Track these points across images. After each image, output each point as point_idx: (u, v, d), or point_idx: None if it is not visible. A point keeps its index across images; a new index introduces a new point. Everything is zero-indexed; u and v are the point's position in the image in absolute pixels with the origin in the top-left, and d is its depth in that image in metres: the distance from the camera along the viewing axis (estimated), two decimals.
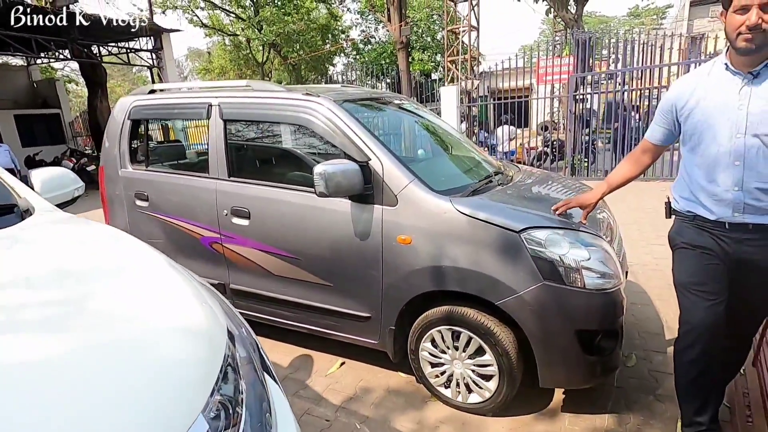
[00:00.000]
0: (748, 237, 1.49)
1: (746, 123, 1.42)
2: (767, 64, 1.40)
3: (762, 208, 1.45)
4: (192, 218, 2.63)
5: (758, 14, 1.32)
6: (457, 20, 9.28)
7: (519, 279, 1.78)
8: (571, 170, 8.27)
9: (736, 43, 1.40)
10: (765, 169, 1.43)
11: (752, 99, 1.42)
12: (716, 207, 1.52)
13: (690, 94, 1.55)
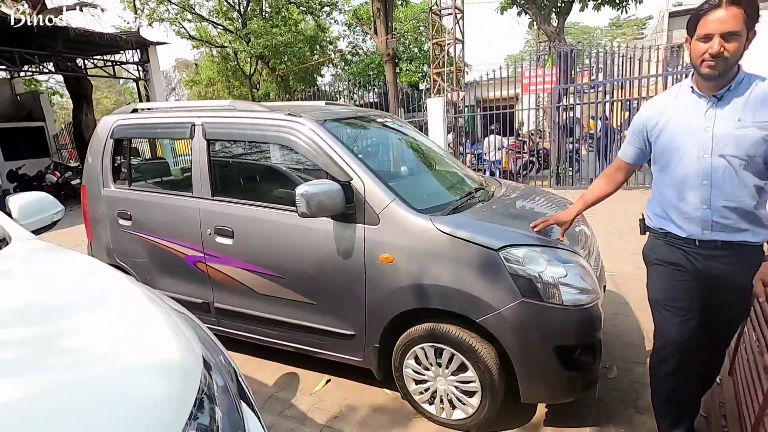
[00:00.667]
0: (718, 254, 1.55)
1: (712, 144, 1.48)
2: (729, 88, 1.47)
3: (729, 225, 1.51)
4: (176, 237, 2.62)
5: (720, 43, 1.38)
6: (443, 33, 9.42)
7: (498, 296, 1.81)
8: (556, 179, 8.40)
9: (700, 69, 1.46)
10: (731, 188, 1.48)
11: (717, 121, 1.48)
12: (686, 224, 1.58)
13: (659, 116, 1.62)
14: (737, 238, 1.51)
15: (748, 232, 1.51)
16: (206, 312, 2.65)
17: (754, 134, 1.43)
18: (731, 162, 1.46)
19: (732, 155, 1.46)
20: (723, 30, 1.37)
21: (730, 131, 1.45)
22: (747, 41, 1.40)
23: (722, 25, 1.36)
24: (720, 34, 1.37)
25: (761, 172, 1.47)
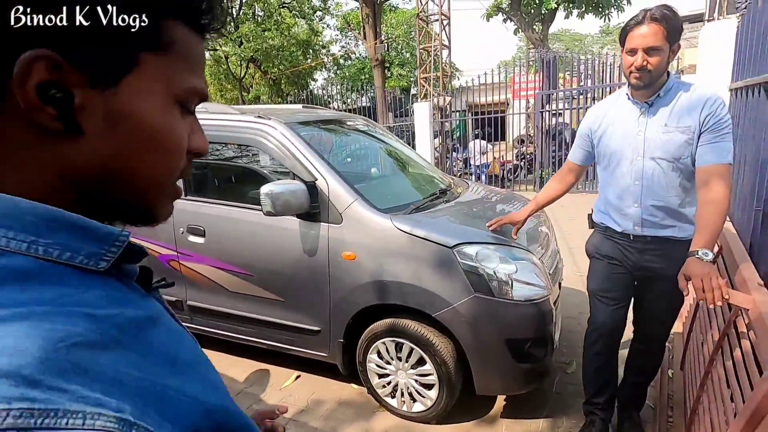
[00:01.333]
0: (648, 248, 1.69)
1: (644, 147, 1.61)
2: (659, 95, 1.59)
3: (657, 223, 1.65)
4: (150, 236, 2.67)
5: (643, 57, 1.49)
6: (430, 39, 9.56)
7: (453, 292, 1.89)
8: (540, 183, 8.54)
9: (629, 79, 1.57)
10: (659, 188, 1.61)
11: (648, 126, 1.61)
12: (622, 220, 1.72)
13: (601, 120, 1.75)
14: (664, 234, 1.64)
15: (675, 228, 1.63)
16: (179, 310, 2.70)
17: (679, 138, 1.54)
18: (660, 164, 1.59)
19: (660, 158, 1.58)
20: (645, 45, 1.48)
21: (658, 135, 1.57)
22: (671, 54, 1.51)
23: (644, 40, 1.48)
24: (643, 48, 1.48)
25: (688, 174, 1.58)
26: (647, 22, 1.47)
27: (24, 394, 0.24)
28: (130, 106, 0.34)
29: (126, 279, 0.38)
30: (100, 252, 0.34)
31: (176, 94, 0.37)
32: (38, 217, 0.32)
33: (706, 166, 1.50)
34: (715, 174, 1.48)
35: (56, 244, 0.32)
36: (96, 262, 0.34)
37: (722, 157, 1.49)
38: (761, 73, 1.91)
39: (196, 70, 0.39)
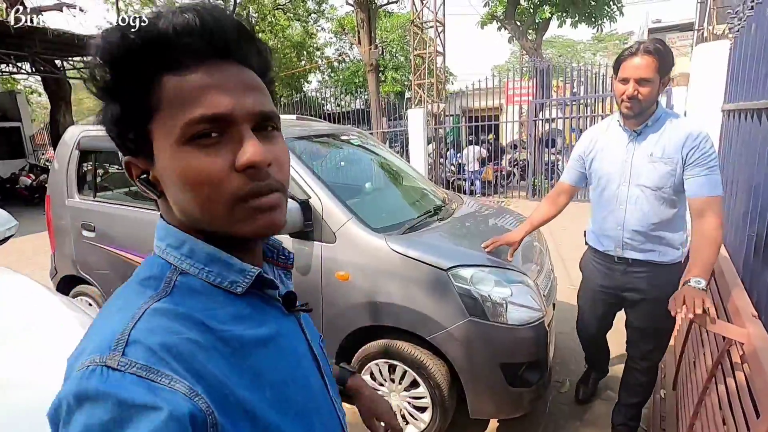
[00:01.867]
0: (631, 270, 1.79)
1: (630, 174, 1.69)
2: (647, 124, 1.65)
3: (637, 246, 1.74)
4: (139, 250, 2.62)
5: (635, 87, 1.54)
6: (425, 45, 9.58)
7: (447, 315, 1.87)
8: (532, 191, 8.58)
9: (620, 107, 1.63)
10: (642, 214, 1.69)
11: (635, 153, 1.68)
12: (606, 242, 1.83)
13: (593, 145, 1.84)
14: (644, 257, 1.74)
15: (655, 252, 1.72)
16: None
17: (662, 169, 1.61)
18: (644, 191, 1.66)
19: (645, 185, 1.65)
20: (637, 76, 1.53)
21: (644, 164, 1.64)
22: (661, 86, 1.57)
23: (636, 71, 1.53)
24: (635, 79, 1.54)
25: (670, 202, 1.65)
26: (640, 54, 1.52)
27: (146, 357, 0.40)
28: (161, 165, 0.47)
29: (268, 299, 0.54)
30: (238, 281, 0.50)
31: (176, 138, 0.44)
32: (206, 253, 0.49)
33: (699, 198, 1.55)
34: (708, 206, 1.53)
35: (213, 272, 0.49)
36: (235, 287, 0.50)
37: (714, 190, 1.54)
38: (754, 99, 1.92)
39: (189, 102, 0.44)
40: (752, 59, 2.00)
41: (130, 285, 0.49)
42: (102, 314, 0.47)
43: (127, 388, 0.37)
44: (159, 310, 0.44)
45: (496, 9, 10.82)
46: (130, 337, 0.41)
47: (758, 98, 1.84)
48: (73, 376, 0.39)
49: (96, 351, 0.40)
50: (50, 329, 1.13)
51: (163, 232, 0.51)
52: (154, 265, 0.50)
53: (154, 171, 0.47)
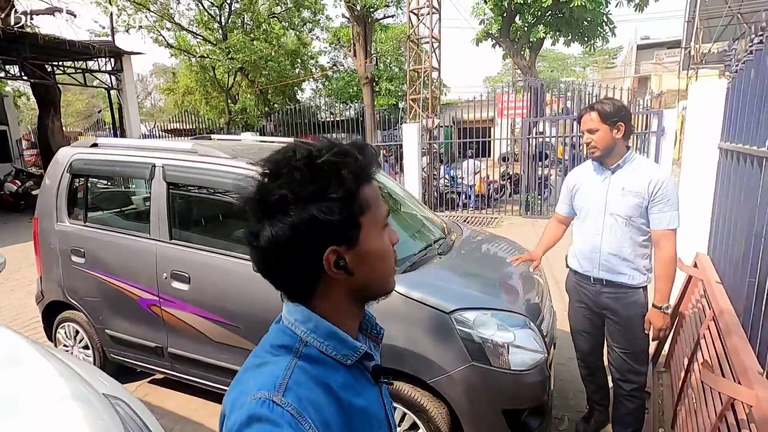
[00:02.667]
0: (605, 290, 2.04)
1: (606, 205, 1.98)
2: (619, 165, 1.96)
3: (611, 268, 2.00)
4: (130, 279, 2.55)
5: (588, 136, 1.95)
6: (420, 61, 9.63)
7: (449, 359, 1.84)
8: (526, 207, 8.63)
9: (587, 154, 2.02)
10: (615, 240, 1.97)
11: (610, 187, 1.98)
12: (585, 263, 2.09)
13: (577, 180, 2.14)
14: (617, 279, 1.99)
15: (625, 275, 1.98)
16: (160, 356, 2.58)
17: (632, 201, 1.91)
18: (617, 220, 1.95)
19: (618, 215, 1.95)
20: (587, 128, 1.95)
21: (617, 197, 1.95)
22: (615, 131, 1.91)
23: (585, 125, 1.96)
24: (586, 130, 1.96)
25: (638, 230, 1.94)
26: (586, 112, 1.96)
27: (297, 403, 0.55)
28: (367, 248, 0.63)
29: (364, 371, 0.67)
30: (349, 354, 0.64)
31: (381, 225, 0.66)
32: (327, 330, 0.63)
33: (658, 230, 1.91)
34: (664, 237, 1.90)
35: (329, 345, 0.63)
36: (345, 359, 0.64)
37: (670, 224, 1.88)
38: (753, 143, 1.93)
39: (380, 202, 0.65)
40: (752, 104, 2.03)
41: (265, 348, 0.64)
42: (251, 365, 0.62)
43: (284, 422, 0.52)
44: (302, 367, 0.59)
45: (491, 26, 10.96)
46: (288, 384, 0.56)
47: (758, 144, 1.85)
48: (247, 403, 0.55)
49: (263, 388, 0.56)
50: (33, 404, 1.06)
51: (294, 308, 0.65)
52: (285, 336, 0.64)
53: (355, 252, 0.62)
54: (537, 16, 10.21)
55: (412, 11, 9.88)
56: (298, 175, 0.59)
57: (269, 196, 0.59)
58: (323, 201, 0.58)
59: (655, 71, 23.20)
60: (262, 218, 0.60)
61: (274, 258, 0.61)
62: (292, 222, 0.58)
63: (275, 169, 0.61)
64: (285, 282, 0.64)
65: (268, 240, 0.59)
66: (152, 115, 30.38)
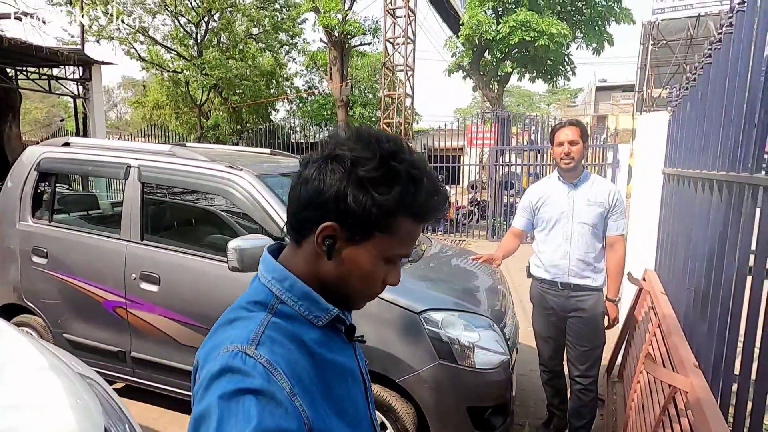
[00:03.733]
0: (573, 294, 2.22)
1: (572, 215, 2.21)
2: (580, 179, 2.21)
3: (579, 273, 2.20)
4: (95, 280, 2.49)
5: (568, 147, 2.15)
6: (395, 87, 9.98)
7: (418, 357, 1.91)
8: (492, 231, 8.93)
9: (560, 164, 2.21)
10: (582, 245, 2.19)
11: (575, 199, 2.22)
12: (553, 270, 2.26)
13: (540, 195, 2.32)
14: (584, 282, 2.20)
15: (590, 278, 2.20)
16: (121, 361, 2.50)
17: (597, 210, 2.18)
18: (583, 227, 2.18)
19: (584, 223, 2.18)
20: (569, 139, 2.15)
21: (583, 207, 2.19)
22: (585, 148, 2.18)
23: (566, 135, 2.15)
24: (568, 141, 2.15)
25: (599, 237, 2.20)
26: (568, 126, 2.19)
27: (269, 356, 0.56)
28: (357, 256, 0.63)
29: (337, 331, 0.69)
30: (321, 315, 0.65)
31: (386, 257, 0.64)
32: (302, 291, 0.64)
33: (614, 235, 2.23)
34: (617, 241, 2.23)
35: (303, 305, 0.64)
36: (317, 321, 0.65)
37: (623, 230, 2.22)
38: (688, 167, 2.18)
39: (406, 243, 0.65)
40: (688, 133, 2.29)
41: (242, 303, 0.65)
42: (225, 320, 0.64)
43: (256, 372, 0.54)
44: (276, 323, 0.61)
45: (462, 59, 11.57)
46: (261, 338, 0.58)
47: (694, 167, 2.09)
48: (220, 356, 0.56)
49: (237, 341, 0.57)
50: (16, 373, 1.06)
51: (271, 266, 0.67)
52: (260, 293, 0.65)
53: (347, 250, 0.63)
54: (505, 53, 10.91)
55: (388, 40, 10.31)
56: (375, 155, 0.60)
57: (342, 148, 0.61)
58: (366, 189, 0.59)
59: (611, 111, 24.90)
60: (322, 161, 0.62)
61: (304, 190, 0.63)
62: (331, 181, 0.60)
63: (362, 138, 0.62)
64: (292, 216, 0.66)
65: (309, 175, 0.62)
66: (117, 128, 29.48)
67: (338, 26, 11.61)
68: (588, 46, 11.61)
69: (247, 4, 17.05)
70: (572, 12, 11.22)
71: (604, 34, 11.43)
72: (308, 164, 0.64)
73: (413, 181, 0.61)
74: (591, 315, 2.20)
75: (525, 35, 9.97)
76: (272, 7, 17.37)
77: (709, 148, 1.80)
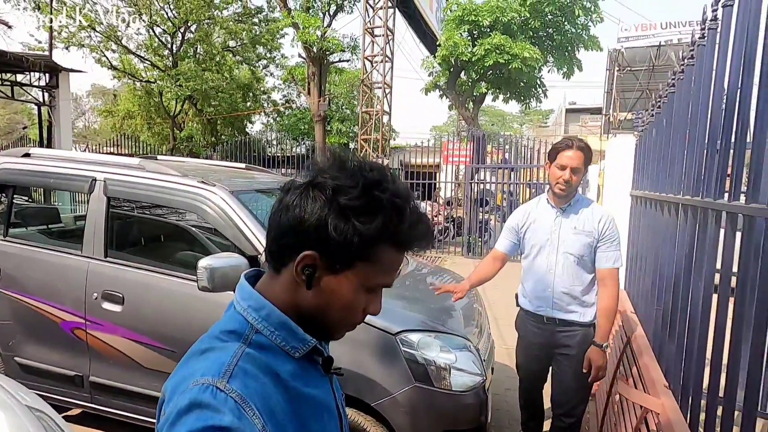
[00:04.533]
0: (558, 329, 2.04)
1: (558, 243, 2.01)
2: (570, 204, 2.03)
3: (564, 307, 2.01)
4: (53, 300, 2.35)
5: (570, 174, 1.92)
6: (372, 104, 10.08)
7: (393, 380, 1.87)
8: (468, 248, 9.02)
9: (554, 188, 1.99)
10: (568, 277, 2.00)
11: (562, 226, 2.02)
12: (537, 302, 2.08)
13: (526, 219, 2.14)
14: (569, 317, 2.01)
15: (577, 313, 2.02)
16: (78, 386, 2.35)
17: (584, 240, 1.97)
18: (569, 258, 1.98)
19: (570, 253, 1.98)
20: (572, 165, 1.92)
21: (569, 235, 1.99)
22: (582, 176, 1.98)
23: (572, 161, 1.92)
24: (570, 167, 1.92)
25: (588, 268, 2.00)
26: (575, 149, 1.92)
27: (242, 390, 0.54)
28: (337, 285, 0.62)
29: (314, 363, 0.66)
30: (298, 346, 0.63)
31: (367, 287, 0.63)
32: (279, 320, 0.62)
33: (604, 268, 1.98)
34: (609, 275, 1.98)
35: (280, 336, 0.62)
36: (294, 352, 0.63)
37: (615, 263, 1.98)
38: (655, 190, 2.27)
39: (388, 272, 0.64)
40: (654, 157, 2.39)
41: (215, 333, 0.62)
42: (196, 350, 0.61)
43: (226, 408, 0.51)
44: (250, 355, 0.58)
45: (439, 79, 11.84)
46: (234, 371, 0.55)
47: (659, 190, 2.18)
48: (188, 389, 0.53)
49: (208, 374, 0.54)
50: None
51: (247, 293, 0.64)
52: (236, 321, 0.63)
53: (327, 279, 0.61)
54: (480, 74, 11.24)
55: (367, 58, 10.45)
56: (358, 183, 0.59)
57: (324, 176, 0.60)
58: (348, 218, 0.58)
59: (580, 132, 25.94)
60: (304, 189, 0.60)
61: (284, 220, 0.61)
62: (312, 209, 0.58)
63: (345, 166, 0.61)
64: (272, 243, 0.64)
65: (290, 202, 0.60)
66: (85, 137, 28.47)
67: (317, 42, 11.70)
68: (559, 70, 12.11)
69: (226, 16, 16.97)
70: (544, 38, 11.72)
71: (573, 59, 11.95)
72: (289, 191, 0.62)
73: (396, 211, 0.60)
74: (579, 352, 1.98)
75: (499, 58, 10.31)
76: (251, 21, 17.34)
77: (674, 172, 1.87)
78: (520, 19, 10.64)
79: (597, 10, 11.12)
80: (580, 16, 10.92)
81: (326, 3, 13.31)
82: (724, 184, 1.37)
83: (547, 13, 11.06)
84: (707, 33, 1.55)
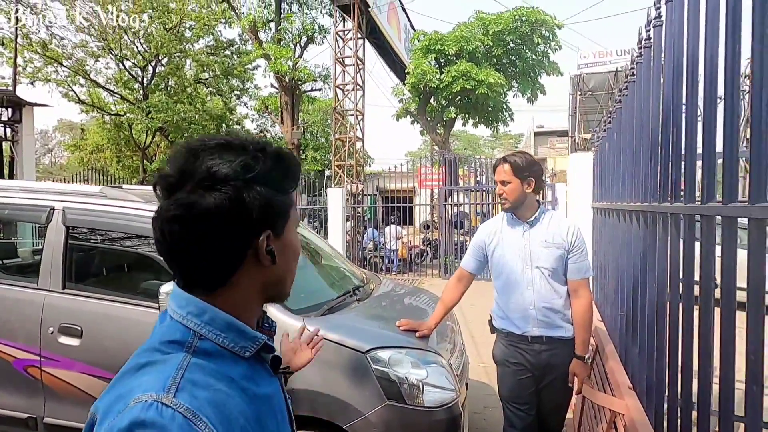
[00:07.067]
0: (544, 348, 1.94)
1: (530, 258, 1.95)
2: (536, 217, 1.97)
3: (549, 323, 1.93)
4: (4, 337, 2.22)
5: (500, 187, 1.96)
6: (346, 131, 10.23)
7: (366, 400, 1.83)
8: (444, 269, 9.06)
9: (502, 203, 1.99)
10: (547, 292, 1.93)
11: (531, 240, 1.96)
12: (521, 322, 1.96)
13: (493, 236, 2.07)
14: (555, 334, 1.93)
15: (562, 328, 1.94)
16: (32, 429, 2.19)
17: (555, 252, 1.93)
18: (543, 272, 1.93)
19: (543, 267, 1.93)
20: (499, 179, 1.96)
21: (540, 249, 1.94)
22: (527, 186, 1.93)
23: (498, 175, 1.97)
24: (499, 181, 1.96)
25: (563, 281, 1.94)
26: (501, 164, 1.98)
27: (191, 403, 0.52)
28: (289, 240, 0.67)
29: (263, 362, 0.66)
30: (248, 346, 0.62)
31: (297, 224, 0.69)
32: (225, 322, 0.61)
33: (575, 279, 1.95)
34: (580, 286, 1.95)
35: (228, 338, 0.60)
36: (244, 352, 0.61)
37: (586, 273, 1.96)
38: (611, 200, 2.37)
39: (295, 206, 0.69)
40: (607, 169, 2.51)
41: (154, 345, 0.59)
42: (133, 365, 0.57)
43: (174, 425, 0.49)
44: (197, 364, 0.56)
45: (409, 105, 12.19)
46: (180, 383, 0.52)
47: (614, 200, 2.28)
48: (128, 408, 0.50)
49: (150, 390, 0.51)
50: None
51: (185, 300, 0.62)
52: (176, 331, 0.60)
53: (278, 243, 0.64)
54: (448, 99, 11.64)
55: (338, 86, 10.67)
56: (261, 155, 0.61)
57: (221, 166, 0.57)
58: (276, 184, 0.62)
59: (549, 154, 26.92)
60: (204, 188, 0.57)
61: (201, 232, 0.57)
62: (237, 196, 0.57)
63: (235, 144, 0.61)
64: (201, 264, 0.60)
65: (206, 209, 0.56)
66: (51, 173, 27.60)
67: (289, 72, 11.90)
68: (523, 94, 12.67)
69: (197, 49, 17.09)
70: (507, 64, 12.30)
71: (536, 84, 12.55)
72: (184, 209, 0.57)
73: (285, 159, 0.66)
74: (563, 371, 1.94)
75: (466, 84, 10.72)
76: (222, 53, 17.51)
77: (626, 182, 1.97)
78: (484, 47, 11.18)
79: (555, 39, 11.79)
80: (540, 44, 11.54)
81: (297, 35, 13.64)
82: (668, 189, 1.45)
83: (509, 41, 11.66)
84: (643, 51, 1.68)
